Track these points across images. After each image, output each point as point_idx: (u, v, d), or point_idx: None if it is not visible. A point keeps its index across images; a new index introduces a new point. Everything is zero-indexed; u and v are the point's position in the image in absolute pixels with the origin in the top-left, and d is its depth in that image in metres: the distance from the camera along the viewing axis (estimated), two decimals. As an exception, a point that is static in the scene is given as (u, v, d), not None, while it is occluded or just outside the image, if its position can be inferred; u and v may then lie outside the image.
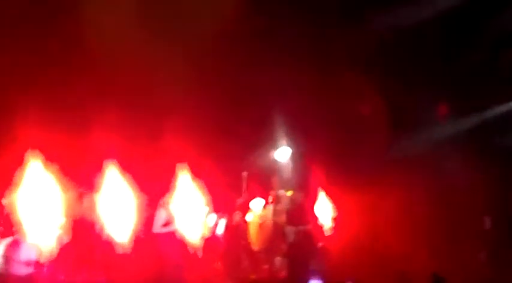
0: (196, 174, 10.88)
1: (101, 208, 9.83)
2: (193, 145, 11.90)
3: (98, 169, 9.93)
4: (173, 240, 10.63)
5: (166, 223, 10.73)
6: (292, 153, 14.11)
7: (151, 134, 12.15)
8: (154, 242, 10.62)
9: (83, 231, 9.70)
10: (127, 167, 10.15)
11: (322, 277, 11.32)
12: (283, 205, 12.03)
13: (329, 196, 12.79)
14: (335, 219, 12.74)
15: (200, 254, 10.84)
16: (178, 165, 10.79)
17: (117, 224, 9.91)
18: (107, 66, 11.39)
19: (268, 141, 14.04)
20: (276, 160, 14.22)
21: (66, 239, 9.33)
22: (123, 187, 10.05)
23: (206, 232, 11.64)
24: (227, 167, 12.79)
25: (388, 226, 12.82)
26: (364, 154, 13.56)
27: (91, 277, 9.68)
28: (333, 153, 13.39)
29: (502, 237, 11.37)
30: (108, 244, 9.78)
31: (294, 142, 14.06)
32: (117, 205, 9.97)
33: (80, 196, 9.92)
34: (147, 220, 10.53)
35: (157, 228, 10.71)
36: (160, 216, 10.78)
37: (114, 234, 9.80)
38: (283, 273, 11.72)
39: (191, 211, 10.82)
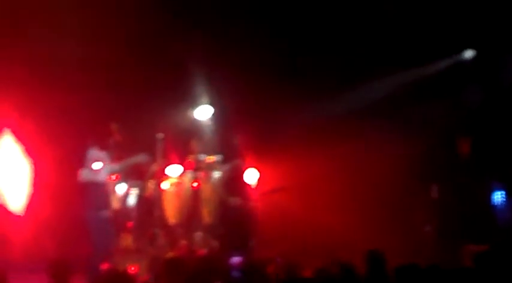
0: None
1: None
2: (96, 107, 11.10)
3: None
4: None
5: None
6: (214, 113, 12.58)
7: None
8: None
9: None
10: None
11: (248, 254, 10.03)
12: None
13: (255, 162, 11.40)
14: (260, 189, 11.47)
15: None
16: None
17: None
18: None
19: (187, 100, 12.50)
20: (195, 121, 12.65)
21: None
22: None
23: (116, 204, 10.59)
24: (137, 129, 11.24)
25: (321, 198, 11.82)
26: (295, 118, 12.39)
27: None
28: (256, 116, 12.26)
29: (449, 207, 10.33)
30: None
31: (215, 101, 12.55)
32: None
33: None
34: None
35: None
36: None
37: None
38: (204, 250, 10.49)
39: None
